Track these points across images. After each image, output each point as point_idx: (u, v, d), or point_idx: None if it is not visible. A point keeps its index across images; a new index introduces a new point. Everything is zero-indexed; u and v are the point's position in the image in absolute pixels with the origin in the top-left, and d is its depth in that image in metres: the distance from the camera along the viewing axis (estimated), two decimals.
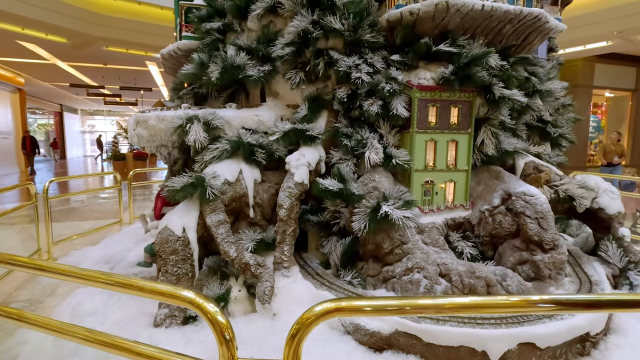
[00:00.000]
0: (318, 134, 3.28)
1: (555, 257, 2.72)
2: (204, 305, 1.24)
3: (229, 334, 1.22)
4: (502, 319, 2.30)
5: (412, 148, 3.16)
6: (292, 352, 1.24)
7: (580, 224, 3.87)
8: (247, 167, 3.34)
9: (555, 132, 3.80)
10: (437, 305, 1.25)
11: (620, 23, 8.40)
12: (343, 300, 1.31)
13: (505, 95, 3.05)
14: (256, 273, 2.76)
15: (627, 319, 2.67)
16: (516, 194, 2.96)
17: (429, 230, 2.98)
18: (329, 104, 3.47)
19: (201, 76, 3.67)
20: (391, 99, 3.08)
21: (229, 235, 2.93)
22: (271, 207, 3.44)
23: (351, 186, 2.92)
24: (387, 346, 2.33)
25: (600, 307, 1.34)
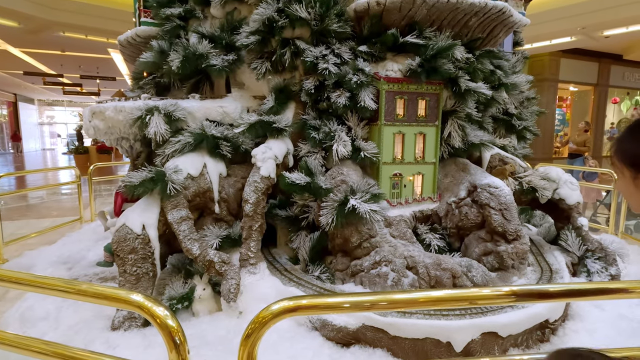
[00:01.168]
0: (285, 126, 3.19)
1: (518, 247, 2.78)
2: (152, 308, 1.15)
3: (180, 338, 1.14)
4: (466, 309, 2.33)
5: (381, 141, 3.14)
6: (246, 354, 1.18)
7: (544, 214, 3.99)
8: (211, 160, 3.22)
9: (520, 125, 3.89)
10: (389, 299, 1.22)
11: (583, 19, 8.72)
12: (304, 298, 1.25)
13: (471, 88, 3.07)
14: (221, 271, 2.67)
15: (583, 305, 2.78)
16: (481, 186, 3.00)
17: (397, 223, 2.98)
18: (296, 95, 3.39)
19: (162, 65, 3.50)
20: (359, 91, 3.03)
21: (191, 232, 2.81)
22: (237, 202, 3.33)
23: (319, 180, 2.87)
24: (355, 341, 2.31)
25: (558, 297, 1.35)
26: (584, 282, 2.90)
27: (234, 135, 3.30)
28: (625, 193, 1.07)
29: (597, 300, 2.77)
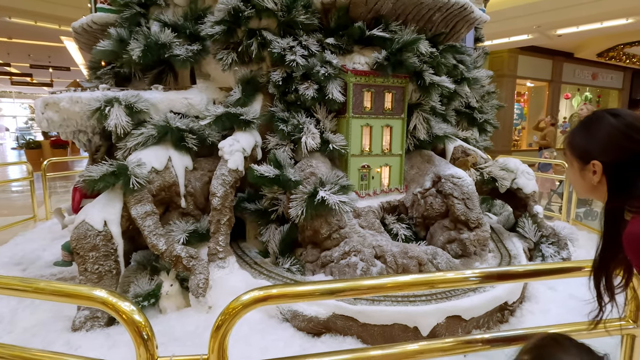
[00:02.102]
0: (253, 119, 3.15)
1: (479, 234, 2.91)
2: (117, 304, 1.11)
3: (147, 333, 1.12)
4: (431, 295, 2.42)
5: (349, 133, 3.17)
6: (217, 345, 1.17)
7: (503, 203, 4.19)
8: (176, 153, 3.13)
9: (481, 118, 4.05)
10: (356, 286, 1.25)
11: (538, 18, 9.15)
12: (274, 288, 1.26)
13: (435, 81, 3.16)
14: (189, 266, 2.61)
15: (538, 287, 2.96)
16: (445, 177, 3.11)
17: (366, 214, 3.04)
18: (264, 87, 3.35)
19: (121, 54, 3.34)
20: (327, 83, 3.04)
21: (157, 227, 2.73)
22: (204, 196, 3.27)
23: (288, 172, 2.86)
24: (325, 330, 2.35)
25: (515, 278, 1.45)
26: (539, 264, 3.09)
27: (200, 127, 3.22)
28: (572, 181, 1.16)
29: (551, 282, 2.96)
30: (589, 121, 1.08)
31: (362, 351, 1.32)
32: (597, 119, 1.05)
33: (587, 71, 14.14)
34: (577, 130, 1.11)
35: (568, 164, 1.15)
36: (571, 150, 1.11)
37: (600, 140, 1.02)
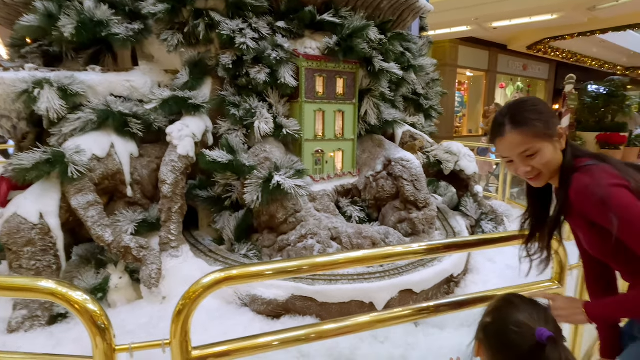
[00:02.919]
0: (203, 103, 3.04)
1: (427, 214, 3.09)
2: (68, 294, 1.04)
3: (104, 322, 1.07)
4: (385, 272, 2.54)
5: (302, 118, 3.18)
6: (179, 330, 1.14)
7: (447, 185, 4.45)
8: (120, 140, 2.95)
9: (427, 104, 4.25)
10: (313, 263, 1.29)
11: (476, 11, 9.69)
12: (233, 269, 1.25)
13: (384, 67, 3.25)
14: (139, 256, 2.50)
15: (479, 260, 3.22)
16: (395, 160, 3.23)
17: (321, 197, 3.08)
18: (212, 70, 3.24)
19: (50, 31, 3.04)
20: (279, 67, 3.01)
21: (101, 217, 2.57)
22: (153, 184, 3.12)
23: (241, 157, 2.82)
24: (285, 312, 2.38)
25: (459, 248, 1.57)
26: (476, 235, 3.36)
27: (145, 112, 3.05)
28: (548, 162, 1.11)
29: (490, 255, 3.23)
30: (531, 106, 1.12)
31: (316, 326, 1.36)
32: (533, 102, 1.14)
33: (518, 62, 15.27)
34: (529, 118, 1.10)
35: (534, 151, 1.11)
36: (536, 135, 1.09)
37: (550, 111, 1.12)
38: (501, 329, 0.86)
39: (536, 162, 1.11)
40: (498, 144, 1.15)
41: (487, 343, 0.89)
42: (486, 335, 0.90)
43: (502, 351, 0.84)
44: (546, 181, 1.16)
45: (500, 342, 0.85)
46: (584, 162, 1.09)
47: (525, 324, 0.82)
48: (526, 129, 1.09)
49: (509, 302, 0.92)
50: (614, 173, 1.02)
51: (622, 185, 1.00)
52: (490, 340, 0.88)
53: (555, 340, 0.75)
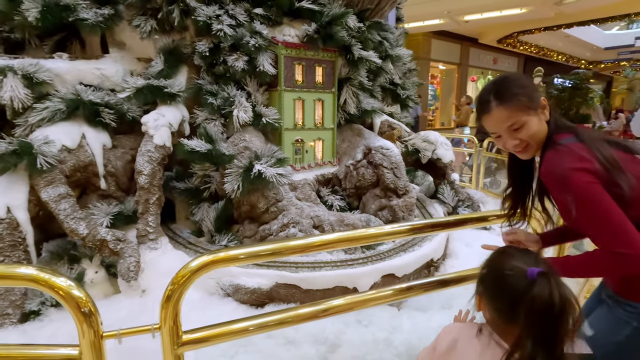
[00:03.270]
0: (179, 92, 2.96)
1: (407, 201, 3.14)
2: (51, 280, 1.00)
3: (90, 308, 1.03)
4: (367, 257, 2.57)
5: (281, 107, 3.15)
6: (169, 314, 1.12)
7: (424, 174, 4.54)
8: (91, 130, 2.83)
9: (404, 94, 4.30)
10: (308, 244, 1.29)
11: (448, 4, 9.88)
12: (220, 251, 1.23)
13: (363, 56, 3.26)
14: (116, 249, 2.42)
15: (457, 245, 3.31)
16: (375, 148, 3.26)
17: (302, 186, 3.08)
18: (188, 58, 3.15)
19: (12, 15, 2.87)
20: (257, 55, 2.96)
21: (74, 210, 2.47)
22: (128, 176, 3.02)
23: (221, 146, 2.76)
24: (269, 300, 2.37)
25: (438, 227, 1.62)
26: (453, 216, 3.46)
27: (118, 101, 2.94)
28: (534, 133, 1.15)
29: (468, 240, 3.33)
30: (514, 81, 1.16)
31: (308, 306, 1.37)
32: (515, 77, 1.19)
33: (489, 56, 15.71)
34: (514, 93, 1.13)
35: (521, 124, 1.15)
36: (521, 108, 1.13)
37: (532, 84, 1.17)
38: (497, 275, 0.91)
39: (523, 134, 1.15)
40: (485, 121, 1.19)
41: (486, 293, 0.94)
42: (485, 286, 0.95)
43: (500, 296, 0.89)
44: (533, 153, 1.21)
45: (497, 288, 0.90)
46: (562, 139, 1.14)
47: (518, 267, 0.87)
48: (511, 104, 1.13)
49: (502, 252, 0.99)
50: (581, 154, 1.08)
51: (583, 169, 1.05)
52: (488, 290, 0.93)
53: (546, 275, 0.80)
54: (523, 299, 0.81)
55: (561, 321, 0.78)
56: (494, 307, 0.92)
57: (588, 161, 1.05)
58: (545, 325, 0.78)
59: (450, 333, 1.01)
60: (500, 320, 0.91)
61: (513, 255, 0.94)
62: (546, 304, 0.78)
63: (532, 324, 0.79)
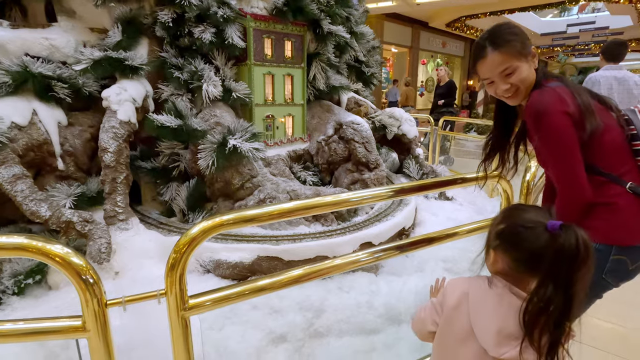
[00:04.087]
0: (141, 65, 2.79)
1: (378, 174, 3.24)
2: (46, 247, 0.94)
3: (92, 276, 0.98)
4: (346, 228, 2.64)
5: (251, 81, 3.08)
6: (175, 281, 1.10)
7: (388, 150, 4.67)
8: (43, 106, 2.61)
9: (369, 72, 4.36)
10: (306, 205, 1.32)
11: None
12: (223, 215, 1.22)
13: (332, 30, 3.26)
14: (84, 231, 2.28)
15: (424, 214, 3.48)
16: (346, 123, 3.31)
17: (276, 162, 3.06)
18: (149, 29, 2.97)
19: None
20: (225, 27, 2.86)
21: (33, 191, 2.28)
22: (88, 155, 2.84)
23: (192, 122, 2.66)
24: (251, 273, 2.36)
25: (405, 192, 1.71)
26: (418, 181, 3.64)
27: (71, 74, 2.72)
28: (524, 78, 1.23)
29: (434, 209, 3.52)
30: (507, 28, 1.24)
31: (319, 261, 1.40)
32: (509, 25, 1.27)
33: (438, 40, 16.24)
34: (507, 39, 1.21)
35: (513, 69, 1.22)
36: (514, 54, 1.20)
37: (524, 32, 1.25)
38: (516, 230, 0.93)
39: (514, 79, 1.24)
40: (480, 66, 1.27)
41: (504, 247, 0.95)
42: (503, 240, 0.95)
43: (521, 250, 0.91)
44: (522, 99, 1.30)
45: (518, 241, 0.92)
46: (549, 83, 1.24)
47: (537, 220, 0.91)
48: (504, 49, 1.21)
49: (516, 208, 1.01)
50: (562, 97, 1.18)
51: (562, 111, 1.16)
52: (507, 243, 0.95)
53: (567, 227, 0.86)
54: (546, 250, 0.86)
55: (582, 265, 0.83)
56: (512, 258, 0.94)
57: (567, 104, 1.16)
58: (568, 270, 0.83)
59: (458, 287, 1.01)
60: (517, 270, 0.94)
61: (527, 210, 0.97)
62: (574, 252, 0.83)
63: (556, 271, 0.84)
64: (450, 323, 1.00)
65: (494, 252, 0.99)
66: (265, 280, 1.31)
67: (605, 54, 3.58)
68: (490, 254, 1.00)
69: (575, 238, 0.83)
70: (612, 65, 3.53)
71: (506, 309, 0.92)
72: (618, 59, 3.54)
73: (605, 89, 3.48)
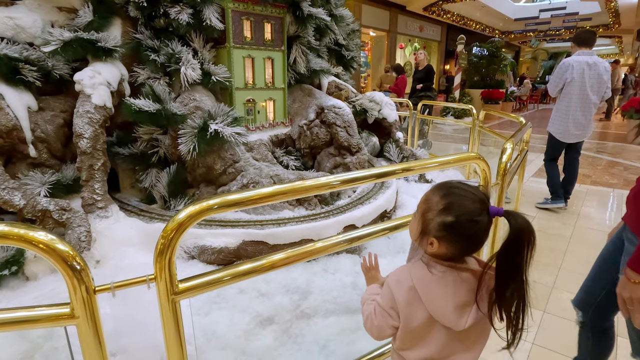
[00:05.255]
0: (115, 47, 2.68)
1: (360, 158, 3.27)
2: (28, 235, 0.91)
3: (79, 262, 0.96)
4: (329, 211, 2.67)
5: (231, 65, 3.02)
6: (165, 266, 1.09)
7: (368, 134, 4.70)
8: (10, 90, 2.48)
9: (349, 55, 4.34)
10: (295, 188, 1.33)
11: None
12: (210, 199, 1.21)
13: (313, 13, 3.22)
14: (62, 220, 2.21)
15: (405, 197, 3.55)
16: (327, 107, 3.31)
17: (258, 147, 3.04)
18: (122, 9, 2.85)
19: None
20: (202, 7, 2.78)
21: (5, 180, 2.19)
22: (61, 142, 2.73)
23: (171, 106, 2.60)
24: (236, 258, 2.37)
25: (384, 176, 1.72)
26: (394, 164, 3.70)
27: (40, 57, 2.59)
28: None
29: (413, 192, 3.59)
30: None
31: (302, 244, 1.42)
32: None
33: (416, 24, 16.26)
34: None
35: None
36: None
37: None
38: (466, 225, 0.92)
39: None
40: None
41: (450, 238, 0.94)
42: (450, 232, 0.93)
43: (471, 240, 0.94)
44: None
45: (468, 234, 0.93)
46: None
47: (482, 209, 0.92)
48: None
49: (456, 194, 0.96)
50: None
51: None
52: (456, 236, 0.94)
53: (508, 212, 0.91)
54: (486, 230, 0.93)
55: (534, 241, 0.89)
56: (459, 247, 0.95)
57: None
58: (523, 248, 0.88)
59: (403, 284, 0.99)
60: (461, 254, 0.97)
61: (466, 194, 0.94)
62: (527, 230, 0.88)
63: (514, 249, 0.89)
64: (409, 319, 0.99)
65: (437, 240, 0.95)
66: (255, 262, 1.32)
67: (577, 40, 3.72)
68: (430, 240, 0.96)
69: (522, 219, 0.88)
70: (585, 50, 3.67)
71: (453, 286, 0.95)
72: (590, 45, 3.68)
73: (578, 74, 3.62)
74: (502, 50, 13.73)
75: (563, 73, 3.68)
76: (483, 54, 13.45)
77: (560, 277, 2.75)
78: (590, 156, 6.87)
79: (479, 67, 13.28)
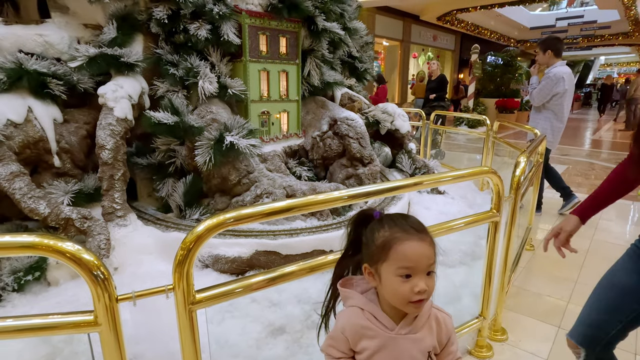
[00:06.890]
0: (136, 61, 2.79)
1: (372, 169, 3.30)
2: (57, 245, 0.97)
3: (103, 271, 1.02)
4: (340, 222, 2.70)
5: (247, 78, 3.10)
6: (183, 276, 1.15)
7: (380, 145, 4.73)
8: (38, 103, 2.61)
9: (362, 67, 4.40)
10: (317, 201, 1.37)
11: None
12: (227, 212, 1.26)
13: (327, 27, 3.29)
14: (83, 228, 2.30)
15: (417, 208, 3.55)
16: (340, 119, 3.36)
17: (272, 158, 3.10)
18: (144, 25, 2.97)
19: None
20: (221, 23, 2.87)
21: (31, 189, 2.29)
22: (84, 152, 2.84)
23: (188, 118, 2.68)
24: (249, 267, 2.42)
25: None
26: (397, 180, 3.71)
27: (66, 71, 2.72)
28: None
29: (426, 203, 3.59)
30: None
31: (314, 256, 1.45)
32: None
33: (429, 33, 16.29)
34: None
35: None
36: None
37: None
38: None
39: None
40: None
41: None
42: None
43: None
44: None
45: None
46: None
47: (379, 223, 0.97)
48: None
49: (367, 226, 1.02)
50: None
51: None
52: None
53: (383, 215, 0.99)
54: None
55: None
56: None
57: None
58: None
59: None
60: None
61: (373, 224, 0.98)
62: None
63: None
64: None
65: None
66: (268, 274, 1.36)
67: (554, 50, 3.76)
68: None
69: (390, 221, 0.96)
70: (561, 61, 3.77)
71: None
72: (561, 55, 3.78)
73: (569, 85, 3.72)
74: (517, 59, 13.64)
75: (554, 85, 3.70)
76: (498, 63, 13.38)
77: (576, 292, 2.71)
78: (609, 167, 6.74)
79: (494, 76, 13.21)
